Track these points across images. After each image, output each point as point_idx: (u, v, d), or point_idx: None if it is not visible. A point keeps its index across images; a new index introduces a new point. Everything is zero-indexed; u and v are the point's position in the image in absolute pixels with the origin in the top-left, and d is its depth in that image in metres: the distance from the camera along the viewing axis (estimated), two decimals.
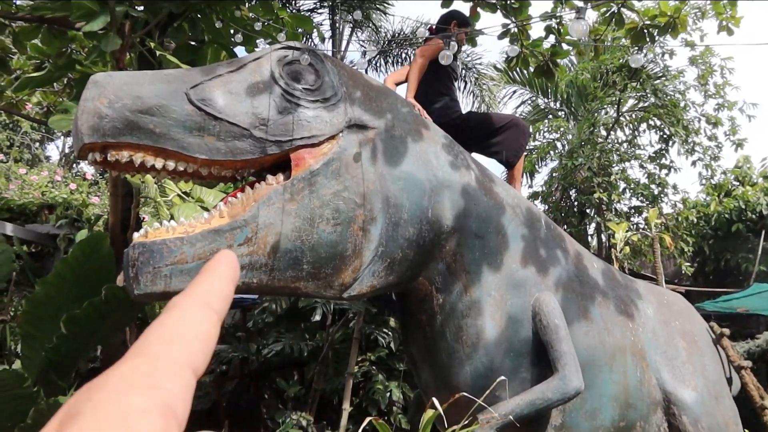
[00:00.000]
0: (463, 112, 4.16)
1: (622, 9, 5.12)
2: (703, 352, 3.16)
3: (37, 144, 14.64)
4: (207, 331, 0.36)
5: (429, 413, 2.21)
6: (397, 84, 4.06)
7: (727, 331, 3.38)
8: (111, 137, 2.10)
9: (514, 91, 10.67)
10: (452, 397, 2.59)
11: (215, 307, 0.38)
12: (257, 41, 4.49)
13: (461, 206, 2.60)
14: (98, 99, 2.11)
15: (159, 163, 2.21)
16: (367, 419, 2.27)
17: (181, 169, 2.27)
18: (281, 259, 2.26)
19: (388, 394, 5.20)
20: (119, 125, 2.11)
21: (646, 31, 5.21)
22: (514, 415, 2.43)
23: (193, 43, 3.64)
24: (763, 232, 8.65)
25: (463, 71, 8.67)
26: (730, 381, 3.33)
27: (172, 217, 3.25)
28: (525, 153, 4.29)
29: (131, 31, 3.24)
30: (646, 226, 6.96)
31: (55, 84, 5.20)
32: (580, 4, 5.26)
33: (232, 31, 3.75)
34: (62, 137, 14.95)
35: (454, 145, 2.78)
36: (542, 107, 10.75)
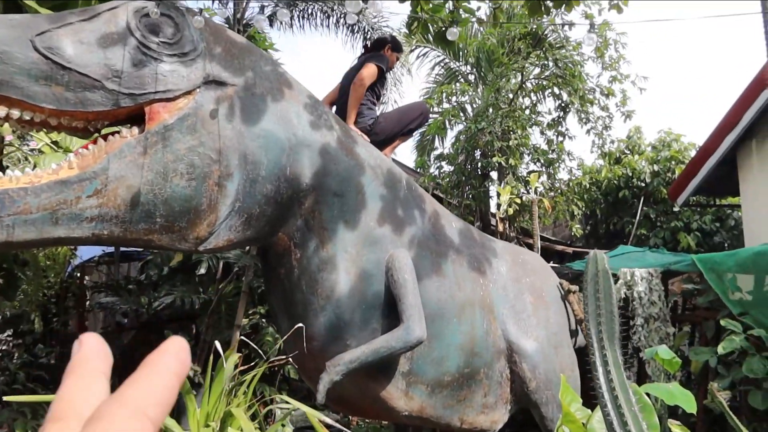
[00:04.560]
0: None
1: None
2: (548, 306, 3.47)
3: None
4: None
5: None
6: (332, 103, 4.21)
7: (575, 287, 3.72)
8: None
9: (425, 53, 10.82)
10: (307, 345, 2.76)
11: (151, 415, 0.33)
12: None
13: (320, 165, 2.70)
14: None
15: (2, 112, 2.18)
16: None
17: (27, 118, 2.24)
18: (133, 212, 2.30)
19: (277, 346, 5.34)
20: None
21: (541, 3, 5.43)
22: (359, 362, 2.62)
23: None
24: (642, 198, 9.36)
25: (368, 30, 8.69)
26: (574, 333, 3.68)
27: (35, 167, 3.18)
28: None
29: None
30: (533, 190, 7.37)
31: None
32: None
33: None
34: None
35: (318, 105, 2.86)
36: (454, 70, 10.96)
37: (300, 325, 2.66)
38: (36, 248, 5.48)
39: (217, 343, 2.39)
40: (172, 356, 0.36)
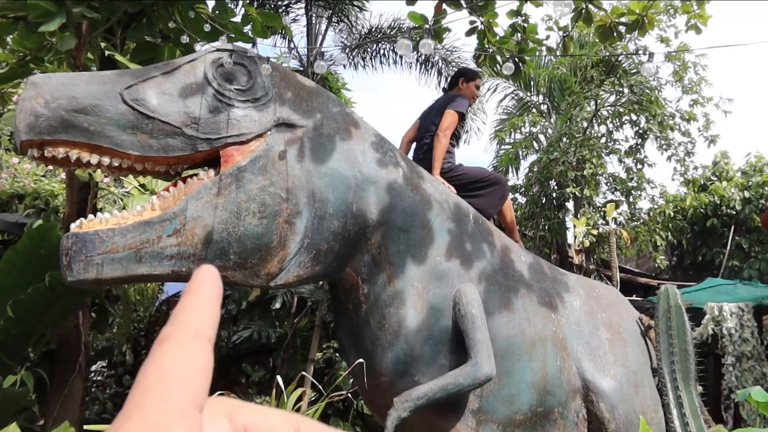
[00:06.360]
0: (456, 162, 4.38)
1: (590, 6, 5.24)
2: (626, 342, 3.31)
3: None
4: (204, 365, 0.35)
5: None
6: (411, 141, 4.29)
7: (654, 323, 3.53)
8: (47, 135, 2.27)
9: (497, 85, 10.81)
10: (376, 381, 2.78)
11: (207, 334, 0.37)
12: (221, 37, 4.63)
13: (386, 201, 2.75)
14: (35, 99, 2.27)
15: (94, 159, 2.38)
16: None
17: (116, 164, 2.43)
18: (209, 250, 2.42)
19: (350, 380, 5.38)
20: (55, 123, 2.27)
21: (613, 28, 5.33)
22: (427, 399, 2.60)
23: (150, 40, 3.78)
24: (733, 228, 8.80)
25: (441, 65, 8.80)
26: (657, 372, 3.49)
27: (124, 208, 3.42)
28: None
29: (89, 31, 3.38)
30: (611, 220, 7.12)
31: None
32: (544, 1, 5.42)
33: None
34: None
35: (384, 143, 2.93)
36: (525, 101, 10.87)
37: (361, 360, 2.69)
38: (122, 284, 5.83)
39: (279, 378, 2.45)
40: (209, 283, 0.39)
